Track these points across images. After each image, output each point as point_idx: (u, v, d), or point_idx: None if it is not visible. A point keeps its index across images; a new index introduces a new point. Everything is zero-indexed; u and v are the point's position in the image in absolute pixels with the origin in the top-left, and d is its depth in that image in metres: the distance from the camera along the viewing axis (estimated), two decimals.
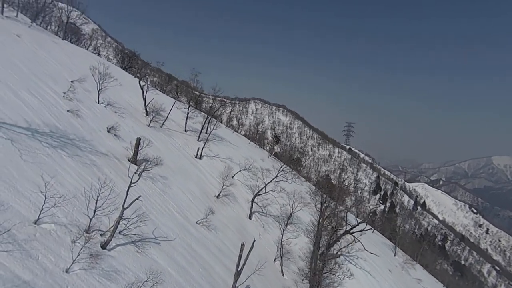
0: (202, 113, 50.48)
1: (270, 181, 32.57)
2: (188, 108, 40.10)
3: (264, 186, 32.30)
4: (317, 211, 32.60)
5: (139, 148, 25.26)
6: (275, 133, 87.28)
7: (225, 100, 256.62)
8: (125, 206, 15.93)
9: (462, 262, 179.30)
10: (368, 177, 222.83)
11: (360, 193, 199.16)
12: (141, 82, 35.50)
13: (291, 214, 35.01)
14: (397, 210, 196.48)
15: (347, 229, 34.21)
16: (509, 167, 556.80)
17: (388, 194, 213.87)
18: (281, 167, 34.72)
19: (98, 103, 29.72)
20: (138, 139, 25.13)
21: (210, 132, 38.64)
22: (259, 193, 32.32)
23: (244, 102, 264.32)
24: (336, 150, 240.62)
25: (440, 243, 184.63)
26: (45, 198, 13.44)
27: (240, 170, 35.67)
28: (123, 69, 50.38)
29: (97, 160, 21.41)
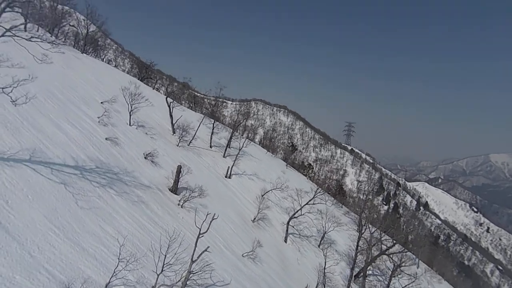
0: (220, 126, 49.09)
1: (307, 203, 31.44)
2: (213, 124, 38.85)
3: (300, 208, 31.18)
4: (356, 233, 31.50)
5: (180, 176, 24.02)
6: (292, 142, 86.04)
7: (226, 101, 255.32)
8: (193, 259, 14.69)
9: (466, 262, 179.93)
10: (371, 178, 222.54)
11: (364, 194, 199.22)
12: (168, 99, 34.15)
13: (324, 234, 34.01)
14: (401, 210, 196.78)
15: (382, 249, 33.28)
16: (506, 164, 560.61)
17: (391, 194, 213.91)
18: (317, 189, 33.57)
19: (130, 125, 28.41)
20: (179, 167, 23.88)
21: (240, 149, 37.38)
22: (295, 216, 31.19)
23: (245, 103, 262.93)
24: (338, 151, 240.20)
25: (443, 243, 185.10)
26: (119, 261, 12.20)
27: (271, 190, 34.48)
28: (140, 80, 48.97)
29: (143, 195, 20.18)
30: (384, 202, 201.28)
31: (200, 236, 15.07)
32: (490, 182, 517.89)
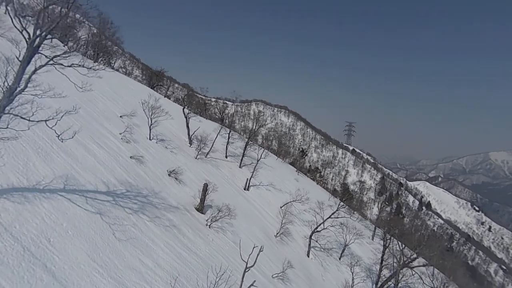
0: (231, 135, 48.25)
1: (329, 217, 30.76)
2: (229, 134, 38.14)
3: (323, 222, 30.50)
4: (376, 245, 30.84)
5: (206, 194, 23.31)
6: (302, 148, 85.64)
7: (226, 102, 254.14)
8: None
9: (470, 262, 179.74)
10: (373, 178, 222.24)
11: (366, 194, 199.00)
12: (185, 110, 33.40)
13: (345, 247, 33.38)
14: (403, 211, 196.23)
15: (404, 261, 32.66)
16: (506, 162, 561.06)
17: (394, 195, 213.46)
18: (339, 202, 32.90)
19: (150, 139, 27.66)
20: (205, 186, 23.18)
21: (258, 160, 36.66)
22: (317, 229, 30.52)
23: (245, 104, 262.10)
24: (340, 151, 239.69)
25: (446, 243, 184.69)
26: None
27: (291, 201, 33.82)
28: (151, 88, 48.11)
29: (173, 219, 19.46)
30: (387, 203, 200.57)
31: (246, 270, 14.41)
32: (490, 180, 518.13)
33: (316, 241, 30.54)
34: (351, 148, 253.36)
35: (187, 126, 33.53)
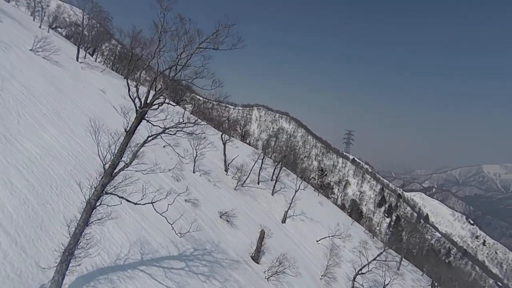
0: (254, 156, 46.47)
1: (374, 259, 29.18)
2: (263, 159, 36.41)
3: (368, 264, 28.91)
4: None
5: (262, 242, 21.55)
6: (321, 167, 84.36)
7: (229, 106, 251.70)
8: None
9: (467, 278, 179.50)
10: (373, 189, 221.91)
11: (366, 205, 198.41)
12: (223, 136, 31.61)
13: (384, 287, 31.75)
14: (402, 223, 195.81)
15: None
16: (498, 175, 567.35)
17: (393, 206, 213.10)
18: (384, 246, 31.21)
19: (193, 172, 25.83)
20: (262, 233, 21.43)
21: (296, 191, 34.96)
22: (361, 272, 28.90)
23: (247, 108, 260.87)
24: (340, 160, 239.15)
25: (444, 257, 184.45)
26: None
27: (329, 236, 32.22)
28: (176, 103, 45.97)
29: (239, 279, 17.69)
30: (386, 215, 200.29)
31: None
32: (483, 192, 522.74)
33: (361, 285, 28.87)
34: (351, 157, 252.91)
35: (224, 153, 31.74)
